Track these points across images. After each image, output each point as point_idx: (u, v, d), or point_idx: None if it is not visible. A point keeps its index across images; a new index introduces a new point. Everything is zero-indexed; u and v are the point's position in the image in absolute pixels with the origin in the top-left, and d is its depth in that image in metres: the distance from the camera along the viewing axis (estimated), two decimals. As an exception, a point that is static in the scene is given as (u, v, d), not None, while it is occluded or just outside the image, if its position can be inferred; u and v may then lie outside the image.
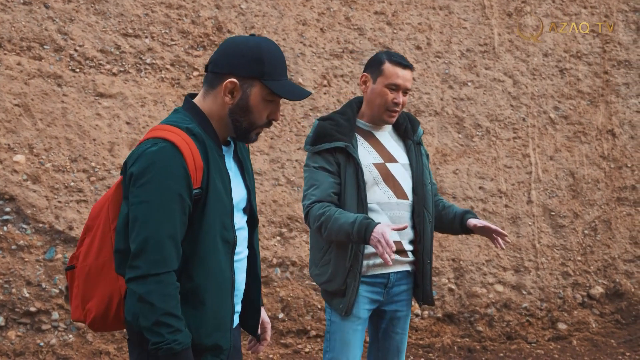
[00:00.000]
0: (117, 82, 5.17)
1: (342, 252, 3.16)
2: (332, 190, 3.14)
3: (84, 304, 2.29)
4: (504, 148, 5.85)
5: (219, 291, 2.26)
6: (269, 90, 2.24)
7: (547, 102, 5.96)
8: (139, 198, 2.12)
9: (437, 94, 5.77)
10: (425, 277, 3.34)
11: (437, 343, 5.47)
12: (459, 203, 5.72)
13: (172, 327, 2.10)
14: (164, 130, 2.19)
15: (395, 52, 3.31)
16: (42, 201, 4.94)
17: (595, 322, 5.84)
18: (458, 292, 5.66)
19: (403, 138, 3.41)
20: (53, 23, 5.06)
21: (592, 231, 5.95)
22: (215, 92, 2.27)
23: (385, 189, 3.23)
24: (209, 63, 2.30)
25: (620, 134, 6.06)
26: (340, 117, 3.26)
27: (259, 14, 5.46)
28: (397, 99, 3.21)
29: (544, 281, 5.81)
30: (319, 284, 3.29)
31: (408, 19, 5.76)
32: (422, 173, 3.34)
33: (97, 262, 2.27)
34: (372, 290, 3.25)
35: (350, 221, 2.96)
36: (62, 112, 5.02)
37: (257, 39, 2.28)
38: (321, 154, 3.19)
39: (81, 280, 2.30)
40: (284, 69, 2.30)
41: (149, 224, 2.10)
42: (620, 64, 6.09)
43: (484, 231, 3.27)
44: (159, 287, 2.09)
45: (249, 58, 2.22)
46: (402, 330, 3.38)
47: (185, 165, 2.14)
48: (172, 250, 2.13)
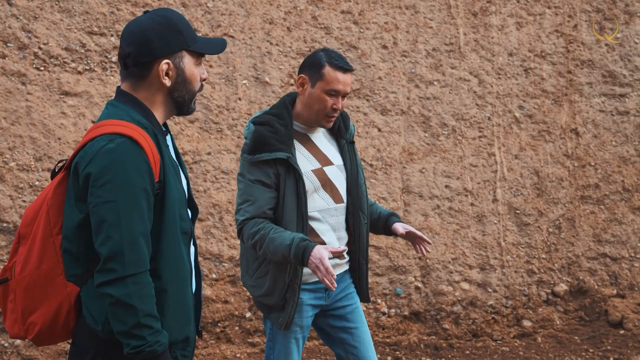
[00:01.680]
0: (83, 80, 5.14)
1: (281, 266, 3.01)
2: (267, 207, 2.98)
3: (25, 317, 2.17)
4: (469, 147, 5.90)
5: (183, 284, 2.22)
6: (197, 54, 2.26)
7: (512, 102, 6.02)
8: (103, 198, 2.02)
9: (403, 93, 5.81)
10: (362, 278, 3.28)
11: (403, 341, 5.50)
12: (426, 202, 5.76)
13: (153, 328, 2.04)
14: (117, 126, 2.11)
15: (335, 53, 3.11)
16: (6, 200, 4.89)
17: (560, 319, 5.91)
18: (424, 290, 5.70)
19: (336, 137, 3.27)
20: (17, 21, 5.02)
21: (556, 229, 6.02)
22: (149, 81, 2.21)
23: (324, 195, 3.11)
24: (125, 57, 2.20)
25: (584, 133, 6.14)
26: (278, 122, 3.05)
27: (225, 13, 5.46)
28: (337, 104, 3.05)
29: (509, 279, 5.87)
30: (255, 297, 3.15)
31: (374, 18, 5.79)
32: (356, 174, 3.23)
33: (38, 271, 2.14)
34: (315, 296, 3.16)
35: (286, 243, 2.83)
36: (26, 110, 4.98)
37: (160, 13, 2.24)
38: (258, 165, 2.99)
39: (19, 293, 2.16)
40: (192, 27, 2.29)
41: (121, 224, 2.02)
42: (583, 63, 6.17)
43: (409, 237, 3.22)
44: (138, 288, 2.03)
45: (168, 34, 2.19)
46: (360, 322, 3.29)
47: (147, 159, 2.08)
48: (145, 249, 2.07)
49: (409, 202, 5.74)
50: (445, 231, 5.79)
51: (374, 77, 5.74)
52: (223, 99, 5.41)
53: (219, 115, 5.39)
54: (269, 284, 3.04)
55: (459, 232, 5.82)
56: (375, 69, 5.75)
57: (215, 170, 5.33)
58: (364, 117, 5.69)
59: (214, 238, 5.29)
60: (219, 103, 5.40)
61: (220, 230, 5.31)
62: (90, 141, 2.11)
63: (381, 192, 5.67)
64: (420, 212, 5.75)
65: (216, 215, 5.32)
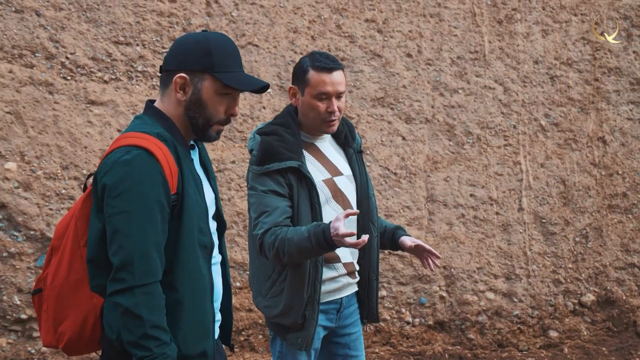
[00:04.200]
0: (109, 89, 5.19)
1: (298, 282, 2.84)
2: (285, 215, 2.80)
3: (56, 327, 2.21)
4: (494, 155, 5.86)
5: (201, 298, 2.21)
6: (221, 83, 2.21)
7: (538, 110, 5.98)
8: (117, 209, 2.05)
9: (427, 102, 5.79)
10: (371, 294, 3.14)
11: (428, 351, 5.47)
12: (450, 210, 5.72)
13: (160, 340, 2.05)
14: (135, 138, 2.14)
15: (319, 54, 2.94)
16: (33, 208, 4.95)
17: (587, 329, 5.84)
18: (449, 299, 5.66)
19: (343, 146, 3.13)
20: (45, 31, 5.09)
21: (583, 238, 5.96)
22: (169, 91, 2.24)
23: (335, 206, 2.96)
24: (162, 63, 2.28)
25: (611, 141, 6.07)
26: (285, 131, 2.90)
27: (249, 22, 5.49)
28: (331, 107, 2.88)
29: (535, 289, 5.81)
30: (269, 317, 2.95)
31: (399, 27, 5.78)
32: (366, 185, 3.09)
33: (68, 281, 2.18)
34: (327, 317, 3.02)
35: (305, 236, 2.66)
36: (53, 119, 5.04)
37: (206, 33, 2.26)
38: (270, 175, 2.82)
39: (51, 302, 2.21)
40: (237, 61, 2.26)
41: (133, 235, 2.04)
42: (610, 71, 6.11)
43: (417, 250, 3.09)
44: (147, 298, 2.04)
45: (196, 52, 2.19)
46: (361, 351, 3.17)
47: (162, 172, 2.09)
48: (157, 261, 2.08)
49: (434, 211, 5.71)
50: (470, 240, 5.75)
51: (398, 85, 5.72)
52: (247, 108, 5.43)
53: (243, 124, 5.41)
54: (286, 302, 2.86)
55: (484, 241, 5.77)
56: (399, 77, 5.74)
57: (240, 179, 5.35)
58: (388, 125, 5.68)
59: (237, 246, 5.30)
60: (244, 112, 5.42)
61: (244, 239, 5.32)
62: (109, 153, 2.14)
63: (405, 200, 5.65)
64: (445, 221, 5.72)
65: (240, 224, 5.33)
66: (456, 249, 5.68)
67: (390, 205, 5.61)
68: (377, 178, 5.58)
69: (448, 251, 5.69)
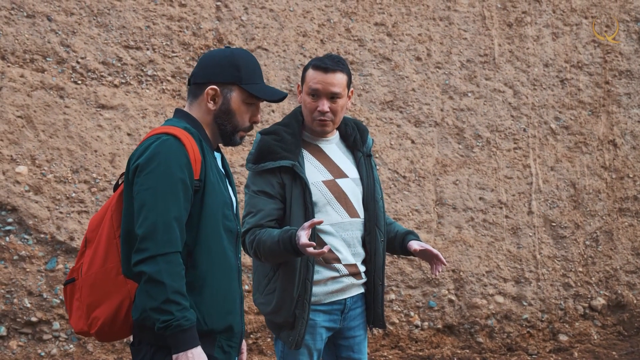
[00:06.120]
0: (119, 93, 5.22)
1: (288, 281, 2.89)
2: (268, 218, 2.87)
3: (90, 312, 2.35)
4: (504, 159, 5.85)
5: (225, 276, 2.37)
6: (248, 93, 2.43)
7: (548, 113, 5.96)
8: (145, 185, 2.23)
9: (437, 105, 5.78)
10: (377, 299, 3.12)
11: (437, 354, 5.46)
12: (459, 214, 5.71)
13: (181, 304, 2.17)
14: (164, 128, 2.35)
15: (328, 55, 3.00)
16: (43, 212, 4.98)
17: (597, 333, 5.81)
18: (458, 303, 5.65)
19: (352, 150, 3.13)
20: (56, 36, 5.12)
21: (593, 242, 5.93)
22: (199, 101, 2.44)
23: (338, 208, 2.97)
24: (190, 77, 2.48)
25: (622, 145, 6.04)
26: (285, 131, 2.96)
27: (259, 26, 5.50)
28: (321, 106, 2.91)
29: (545, 292, 5.80)
30: (264, 314, 3.02)
31: (408, 30, 5.78)
32: (373, 188, 3.08)
33: (104, 269, 2.34)
34: (330, 318, 3.02)
35: (275, 240, 2.74)
36: (64, 123, 5.08)
37: (232, 49, 2.48)
38: (263, 175, 2.90)
39: (86, 290, 2.35)
40: (260, 74, 2.49)
41: (156, 207, 2.20)
42: (621, 74, 6.08)
43: (425, 255, 3.09)
44: (169, 266, 2.18)
45: (226, 65, 2.42)
46: (364, 354, 3.16)
47: (187, 155, 2.28)
48: (178, 232, 2.23)
49: (443, 214, 5.71)
50: (479, 244, 5.73)
51: (407, 88, 5.72)
52: (256, 112, 5.45)
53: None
54: (277, 299, 2.91)
55: (493, 245, 5.76)
56: (408, 81, 5.73)
57: (249, 182, 5.37)
58: (397, 128, 5.68)
59: (247, 250, 5.32)
60: (253, 115, 5.44)
61: (253, 242, 5.34)
62: (143, 141, 2.37)
63: (414, 204, 5.65)
64: (454, 224, 5.71)
65: (249, 227, 5.35)
66: (465, 252, 5.68)
67: (399, 208, 5.61)
68: (386, 181, 5.58)
69: (457, 254, 5.68)
